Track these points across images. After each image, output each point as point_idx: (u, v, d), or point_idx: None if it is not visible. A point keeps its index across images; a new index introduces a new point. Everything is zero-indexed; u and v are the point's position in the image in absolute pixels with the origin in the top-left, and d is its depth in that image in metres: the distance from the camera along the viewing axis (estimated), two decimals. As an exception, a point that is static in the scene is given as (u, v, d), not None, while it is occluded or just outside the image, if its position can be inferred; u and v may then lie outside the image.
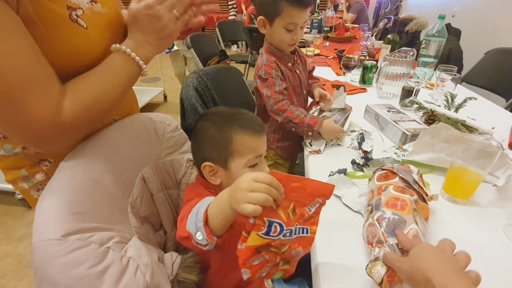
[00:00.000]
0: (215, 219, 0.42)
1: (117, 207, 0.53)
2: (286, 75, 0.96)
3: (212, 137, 0.57)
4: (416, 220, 0.47)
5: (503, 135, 0.90)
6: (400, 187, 0.53)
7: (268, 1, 0.86)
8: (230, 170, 0.57)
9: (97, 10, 0.52)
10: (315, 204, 0.42)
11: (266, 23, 0.90)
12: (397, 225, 0.45)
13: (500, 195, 0.65)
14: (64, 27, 0.46)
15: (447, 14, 2.96)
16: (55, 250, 0.38)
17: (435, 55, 1.36)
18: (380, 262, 0.41)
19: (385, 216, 0.47)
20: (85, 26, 0.49)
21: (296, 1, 0.83)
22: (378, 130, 0.93)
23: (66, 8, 0.47)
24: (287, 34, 0.88)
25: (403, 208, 0.48)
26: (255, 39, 2.99)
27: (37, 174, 0.59)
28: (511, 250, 0.52)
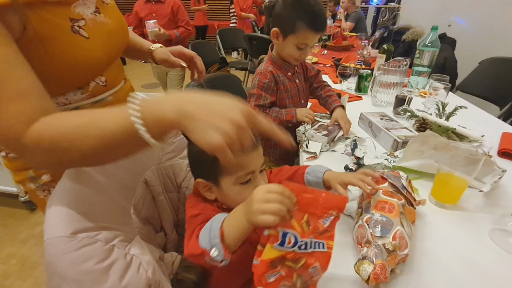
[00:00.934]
0: (231, 234, 0.43)
1: (120, 208, 0.56)
2: (284, 84, 1.00)
3: (200, 155, 0.53)
4: (402, 223, 0.50)
5: (493, 142, 0.93)
6: (389, 192, 0.56)
7: (287, 17, 0.89)
8: (222, 188, 0.55)
9: (99, 20, 0.55)
10: (329, 217, 0.42)
11: (279, 35, 0.93)
12: (384, 226, 0.48)
13: (487, 201, 0.68)
14: (65, 39, 0.49)
15: (443, 24, 3.03)
16: (65, 246, 0.41)
17: (428, 64, 1.40)
18: (368, 261, 0.44)
19: (373, 218, 0.50)
20: (87, 36, 0.52)
21: (313, 26, 0.87)
22: (371, 137, 0.96)
23: (69, 20, 0.49)
24: (297, 51, 0.93)
25: (391, 211, 0.51)
26: (255, 46, 3.05)
27: (43, 176, 0.63)
28: (496, 254, 0.55)
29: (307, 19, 0.86)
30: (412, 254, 0.53)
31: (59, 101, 0.55)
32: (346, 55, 2.28)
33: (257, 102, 0.97)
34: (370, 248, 0.46)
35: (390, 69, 1.20)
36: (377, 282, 0.43)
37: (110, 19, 0.57)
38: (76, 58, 0.50)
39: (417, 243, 0.56)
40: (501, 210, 0.62)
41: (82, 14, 0.51)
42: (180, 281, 0.58)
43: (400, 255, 0.47)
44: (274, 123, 0.88)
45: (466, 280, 0.49)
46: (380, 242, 0.46)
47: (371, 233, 0.48)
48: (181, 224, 0.80)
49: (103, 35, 0.55)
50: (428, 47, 1.40)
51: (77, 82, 0.54)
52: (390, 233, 0.47)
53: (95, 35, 0.53)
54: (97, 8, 0.55)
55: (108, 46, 0.56)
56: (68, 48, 0.49)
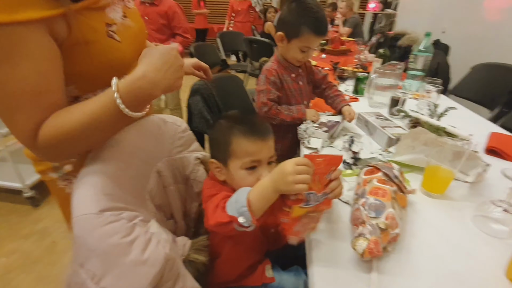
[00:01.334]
0: (257, 203, 0.50)
1: (138, 193, 0.61)
2: (287, 84, 1.07)
3: (216, 138, 0.66)
4: (393, 206, 0.55)
5: (480, 141, 1.00)
6: (382, 180, 0.62)
7: (292, 22, 0.96)
8: (229, 170, 0.63)
9: (127, 24, 0.61)
10: (330, 172, 0.54)
11: (284, 39, 1.00)
12: (378, 208, 0.54)
13: (471, 191, 0.74)
14: (103, 43, 0.54)
15: (438, 31, 3.12)
16: (94, 222, 0.46)
17: (422, 68, 1.47)
18: (363, 237, 0.50)
19: (368, 201, 0.56)
20: (119, 40, 0.57)
21: (316, 30, 0.94)
22: (368, 135, 1.02)
23: (105, 25, 0.55)
24: (300, 54, 1.00)
25: (384, 195, 0.57)
26: (255, 50, 3.12)
27: (66, 165, 0.67)
28: (478, 237, 0.61)
29: (311, 24, 0.93)
30: (403, 237, 0.58)
31: (88, 97, 0.60)
32: (344, 59, 2.35)
33: (269, 96, 1.03)
34: (365, 227, 0.52)
35: (385, 72, 1.27)
36: (371, 255, 0.49)
37: (134, 23, 0.62)
38: (111, 60, 0.56)
39: (407, 227, 0.62)
40: (483, 199, 0.67)
41: (113, 19, 0.56)
42: (191, 262, 0.63)
43: (391, 234, 0.52)
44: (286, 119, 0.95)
45: (451, 258, 0.55)
46: (374, 221, 0.52)
47: (366, 214, 0.53)
48: (188, 214, 0.84)
49: (131, 37, 0.60)
50: (422, 52, 1.47)
51: (108, 80, 0.59)
52: (383, 214, 0.53)
53: (125, 38, 0.58)
54: (124, 13, 0.60)
55: (134, 48, 0.61)
56: (105, 51, 0.54)
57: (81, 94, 0.57)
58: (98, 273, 0.46)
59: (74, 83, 0.55)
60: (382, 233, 0.50)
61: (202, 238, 0.69)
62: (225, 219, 0.52)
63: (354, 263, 0.53)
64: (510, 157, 0.89)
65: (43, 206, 1.82)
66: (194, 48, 2.21)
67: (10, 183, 1.77)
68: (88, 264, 0.46)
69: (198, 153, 0.89)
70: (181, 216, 0.80)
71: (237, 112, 0.70)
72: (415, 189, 0.67)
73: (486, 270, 0.53)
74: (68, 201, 0.72)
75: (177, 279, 0.53)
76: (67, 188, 0.70)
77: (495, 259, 0.54)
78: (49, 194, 1.90)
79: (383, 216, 0.52)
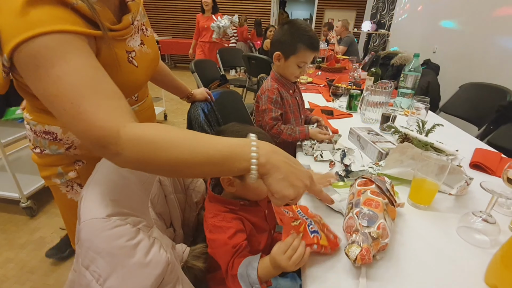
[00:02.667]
0: (265, 278, 0.58)
1: (141, 200, 0.64)
2: (287, 100, 1.14)
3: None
4: (385, 217, 0.59)
5: (466, 156, 1.05)
6: (375, 192, 0.66)
7: (288, 42, 1.04)
8: (245, 182, 0.67)
9: (144, 51, 0.68)
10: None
11: (281, 57, 1.08)
12: (371, 218, 0.58)
13: (456, 203, 0.79)
14: (123, 67, 0.61)
15: (429, 50, 3.25)
16: (101, 226, 0.49)
17: (412, 87, 1.55)
18: (356, 245, 0.53)
19: (362, 211, 0.60)
20: (136, 65, 0.64)
21: (311, 46, 1.03)
22: (359, 149, 1.07)
23: (125, 52, 0.62)
24: (297, 69, 1.08)
25: (377, 207, 0.61)
26: (254, 66, 3.22)
27: (70, 172, 0.71)
28: (462, 246, 0.64)
29: (306, 41, 1.02)
30: (392, 246, 0.62)
31: None
32: (339, 76, 2.44)
33: (270, 115, 1.09)
34: (358, 235, 0.55)
35: (377, 90, 1.34)
36: (363, 262, 0.52)
37: (150, 49, 0.70)
38: (128, 82, 0.62)
39: (396, 237, 0.65)
40: (467, 211, 0.72)
41: (133, 47, 0.64)
42: (190, 268, 0.66)
43: (382, 243, 0.56)
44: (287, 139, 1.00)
45: (435, 266, 0.58)
46: (367, 230, 0.56)
47: (360, 223, 0.57)
48: (186, 223, 0.87)
49: (146, 63, 0.68)
50: (411, 71, 1.55)
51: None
52: (375, 224, 0.57)
53: (142, 64, 0.65)
54: (141, 41, 0.67)
55: (148, 72, 0.69)
56: (123, 74, 0.61)
57: None
58: (104, 275, 0.49)
59: None
60: (373, 242, 0.54)
61: (200, 245, 0.72)
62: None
63: (345, 268, 0.56)
64: (492, 171, 0.94)
65: (39, 216, 1.83)
66: (194, 64, 2.28)
67: (7, 193, 1.78)
68: (94, 266, 0.49)
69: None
70: (180, 225, 0.83)
71: (238, 124, 0.74)
72: (404, 202, 0.72)
73: (467, 276, 0.56)
74: (69, 207, 0.76)
75: (176, 283, 0.56)
76: (69, 194, 0.73)
77: (477, 266, 0.58)
78: (46, 204, 1.91)
79: (375, 226, 0.56)
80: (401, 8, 4.66)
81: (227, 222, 0.66)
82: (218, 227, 0.66)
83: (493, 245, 0.63)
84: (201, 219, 0.89)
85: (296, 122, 1.19)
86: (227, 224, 0.65)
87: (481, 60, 2.45)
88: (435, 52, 3.26)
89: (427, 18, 3.68)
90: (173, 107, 4.02)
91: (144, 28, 0.70)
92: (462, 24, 2.84)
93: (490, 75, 2.27)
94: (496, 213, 0.76)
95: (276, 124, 1.10)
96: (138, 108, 0.74)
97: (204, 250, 0.71)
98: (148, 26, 0.73)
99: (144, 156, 0.44)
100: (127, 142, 0.42)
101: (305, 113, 1.30)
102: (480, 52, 2.47)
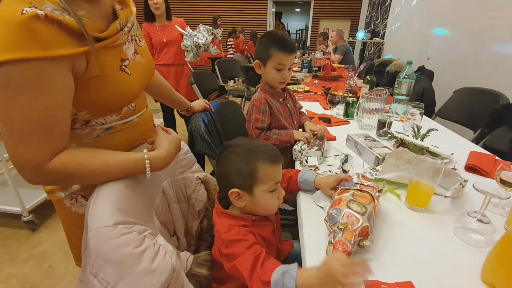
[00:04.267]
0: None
1: (146, 210, 0.66)
2: (277, 108, 1.17)
3: (239, 167, 0.67)
4: (349, 206, 0.63)
5: (461, 159, 1.07)
6: (340, 192, 0.71)
7: (262, 49, 1.11)
8: (254, 195, 0.68)
9: (137, 60, 0.70)
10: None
11: (261, 65, 1.14)
12: (335, 215, 0.62)
13: (452, 205, 0.81)
14: (115, 76, 0.63)
15: (423, 57, 3.32)
16: (109, 234, 0.51)
17: (406, 93, 1.58)
18: (329, 244, 0.59)
19: (328, 214, 0.65)
20: (130, 73, 0.66)
21: (283, 48, 1.08)
22: (357, 155, 1.09)
23: (119, 60, 0.64)
24: (277, 74, 1.12)
25: (339, 203, 0.66)
26: (251, 76, 3.28)
27: (74, 185, 0.72)
28: (459, 246, 0.66)
29: (277, 44, 1.07)
30: (390, 247, 0.64)
31: (98, 121, 0.67)
32: (335, 85, 2.49)
33: (256, 125, 1.13)
34: (330, 235, 0.60)
35: (372, 97, 1.37)
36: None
37: (143, 59, 0.72)
38: (121, 91, 0.64)
39: (393, 239, 0.67)
40: (463, 212, 0.73)
41: (127, 55, 0.65)
42: (194, 275, 0.68)
43: (355, 228, 0.59)
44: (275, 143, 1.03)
45: (433, 266, 0.60)
46: (334, 227, 0.60)
47: (329, 225, 0.62)
48: (189, 232, 0.89)
49: (140, 71, 0.69)
50: (405, 78, 1.59)
51: (117, 107, 0.67)
52: (339, 217, 0.61)
53: (135, 72, 0.67)
54: (135, 50, 0.69)
55: (142, 80, 0.70)
56: (116, 82, 0.62)
57: (92, 118, 0.65)
58: (112, 282, 0.50)
59: (86, 109, 0.62)
60: (344, 232, 0.58)
61: (204, 253, 0.74)
62: None
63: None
64: (487, 173, 0.96)
65: (41, 230, 1.83)
66: (193, 76, 2.33)
67: (9, 207, 1.78)
68: (102, 274, 0.51)
69: (199, 174, 0.95)
70: (183, 233, 0.84)
71: (245, 140, 0.73)
72: (385, 188, 0.78)
73: (465, 275, 0.58)
74: (73, 221, 0.76)
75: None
76: (73, 207, 0.74)
77: (474, 265, 0.60)
78: (47, 218, 1.92)
79: (340, 218, 0.61)
80: (394, 17, 4.77)
81: (243, 235, 0.64)
82: (234, 241, 0.63)
83: (489, 244, 0.65)
84: (204, 228, 0.91)
85: (290, 128, 1.22)
86: (244, 237, 0.64)
87: (474, 65, 2.51)
88: (429, 58, 3.33)
89: (420, 26, 3.77)
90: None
91: (137, 39, 0.72)
92: (454, 31, 2.92)
93: (483, 79, 2.32)
94: (491, 214, 0.78)
95: (262, 132, 1.14)
96: (138, 119, 0.75)
97: (208, 258, 0.73)
98: (142, 38, 0.75)
99: (64, 183, 0.66)
100: (47, 174, 0.54)
101: (298, 118, 1.34)
102: (472, 58, 2.53)
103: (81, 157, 0.57)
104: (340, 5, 7.18)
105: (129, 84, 0.66)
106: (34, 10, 0.46)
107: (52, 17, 0.48)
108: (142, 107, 0.79)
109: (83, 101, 0.59)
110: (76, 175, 0.57)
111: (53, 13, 0.49)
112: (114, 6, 0.66)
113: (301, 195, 0.85)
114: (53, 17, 0.48)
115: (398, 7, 4.62)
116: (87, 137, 0.66)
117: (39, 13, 0.46)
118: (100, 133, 0.67)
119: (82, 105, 0.60)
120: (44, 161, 0.52)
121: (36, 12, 0.46)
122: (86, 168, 0.57)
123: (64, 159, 0.55)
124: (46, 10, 0.48)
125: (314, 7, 7.35)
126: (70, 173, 0.56)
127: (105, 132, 0.68)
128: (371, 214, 0.64)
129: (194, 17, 7.40)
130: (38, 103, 0.50)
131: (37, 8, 0.47)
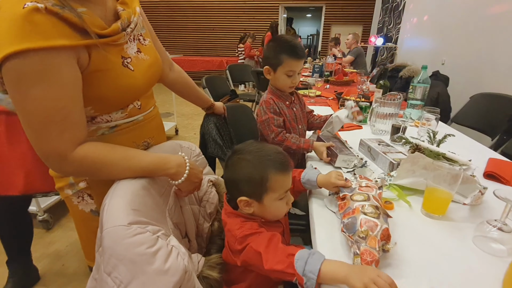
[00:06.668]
0: (325, 278, 0.52)
1: (160, 210, 0.67)
2: (283, 111, 1.17)
3: (249, 176, 0.67)
4: (364, 212, 0.62)
5: (479, 166, 1.04)
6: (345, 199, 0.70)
7: (272, 55, 1.11)
8: (264, 203, 0.68)
9: (141, 57, 0.71)
10: None
11: (270, 71, 1.14)
12: (352, 224, 0.61)
13: (471, 213, 0.78)
14: (118, 71, 0.64)
15: (437, 62, 3.26)
16: (123, 233, 0.52)
17: (421, 98, 1.55)
18: (356, 255, 0.57)
19: (344, 224, 0.63)
20: (132, 69, 0.67)
21: (294, 54, 1.08)
22: (371, 160, 1.08)
23: (120, 57, 0.65)
24: (288, 79, 1.12)
25: (354, 212, 0.64)
26: (262, 80, 3.29)
27: (80, 183, 0.72)
28: (479, 255, 0.64)
29: (288, 50, 1.07)
30: (407, 255, 0.62)
31: (103, 119, 0.68)
32: (347, 89, 2.47)
33: (273, 123, 1.13)
34: (353, 246, 0.58)
35: (386, 102, 1.35)
36: (371, 264, 0.53)
37: (148, 56, 0.73)
38: (124, 86, 0.65)
39: (413, 248, 0.65)
40: (482, 220, 0.71)
41: (129, 54, 0.67)
42: (205, 278, 0.67)
43: (376, 233, 0.57)
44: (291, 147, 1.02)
45: (453, 276, 0.58)
46: (355, 237, 0.58)
47: (348, 235, 0.60)
48: (200, 234, 0.89)
49: (144, 68, 0.70)
50: (420, 83, 1.56)
51: (122, 103, 0.68)
52: (357, 226, 0.59)
53: (138, 68, 0.68)
54: (138, 49, 0.71)
55: (146, 76, 0.71)
56: (119, 77, 0.64)
57: (97, 114, 0.66)
58: (125, 281, 0.51)
59: (92, 105, 0.64)
60: (366, 240, 0.56)
61: (215, 255, 0.73)
62: (290, 269, 0.54)
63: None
64: (507, 181, 0.93)
65: (55, 229, 1.87)
66: (205, 80, 2.36)
67: (27, 206, 1.83)
68: (116, 272, 0.51)
69: (211, 176, 0.96)
70: (194, 235, 0.84)
71: (256, 144, 0.72)
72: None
73: (485, 285, 0.56)
74: (81, 218, 0.77)
75: (193, 291, 0.57)
76: (80, 205, 0.75)
77: (494, 275, 0.57)
78: (61, 218, 1.96)
79: (358, 226, 0.59)
80: (408, 22, 4.71)
81: (256, 229, 0.65)
82: (249, 235, 0.63)
83: (510, 253, 0.62)
84: (215, 230, 0.91)
85: (293, 131, 1.21)
86: (257, 230, 0.64)
87: (491, 70, 2.44)
88: (444, 64, 3.26)
89: (434, 31, 3.71)
90: (184, 122, 4.11)
91: (141, 38, 0.74)
92: (470, 36, 2.86)
93: (501, 85, 2.25)
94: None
95: (282, 132, 1.13)
96: (143, 117, 0.76)
97: (219, 261, 0.73)
98: (147, 37, 0.76)
99: (87, 174, 0.65)
100: (73, 163, 0.57)
101: (305, 120, 1.31)
102: (489, 63, 2.46)
103: (103, 148, 0.61)
104: (352, 10, 7.14)
105: (132, 79, 0.67)
106: (34, 4, 0.49)
107: (52, 10, 0.51)
108: (148, 106, 0.80)
109: (88, 96, 0.60)
110: (99, 166, 0.60)
111: (53, 7, 0.51)
112: (117, 7, 0.68)
113: (313, 200, 0.85)
114: (53, 10, 0.51)
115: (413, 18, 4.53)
116: (92, 135, 0.67)
117: (39, 6, 0.49)
118: (105, 131, 0.69)
119: (88, 101, 0.61)
120: (67, 150, 0.56)
121: (36, 5, 0.49)
122: (108, 159, 0.61)
123: (87, 150, 0.58)
124: (47, 4, 0.50)
125: (325, 12, 7.34)
126: (93, 162, 0.59)
127: (110, 130, 0.69)
128: (385, 214, 0.63)
129: (206, 23, 7.53)
130: (49, 93, 0.52)
131: (37, 2, 0.49)
